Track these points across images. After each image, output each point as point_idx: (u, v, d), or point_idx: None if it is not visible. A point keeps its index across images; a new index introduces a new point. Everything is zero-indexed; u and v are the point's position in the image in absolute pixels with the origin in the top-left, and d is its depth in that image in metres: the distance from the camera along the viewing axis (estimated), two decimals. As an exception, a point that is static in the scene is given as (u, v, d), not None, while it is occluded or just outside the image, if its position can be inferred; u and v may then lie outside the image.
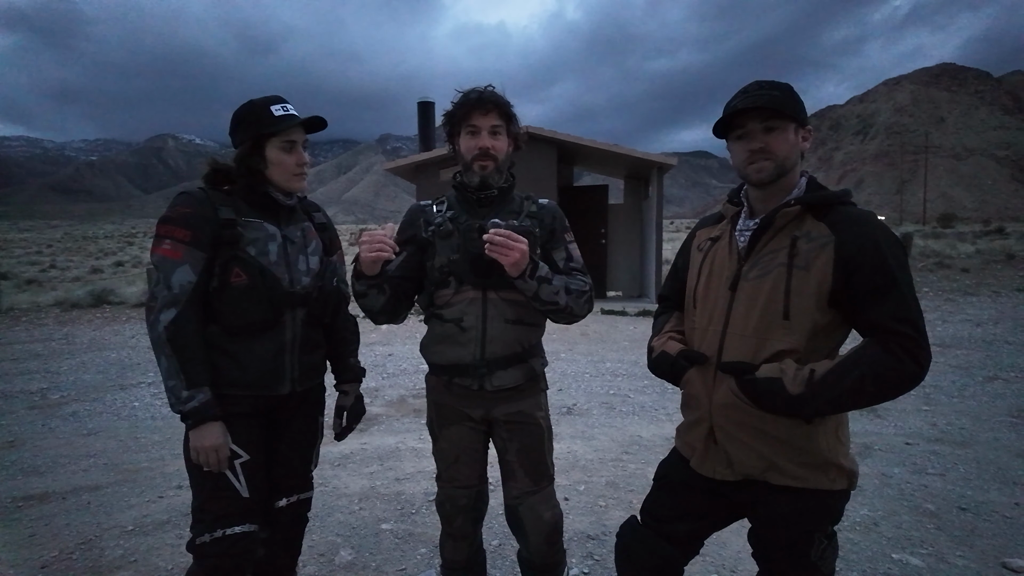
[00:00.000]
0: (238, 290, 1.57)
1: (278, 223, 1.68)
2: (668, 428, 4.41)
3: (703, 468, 1.44)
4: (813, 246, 1.25)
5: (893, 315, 1.19)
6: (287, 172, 1.65)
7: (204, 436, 1.52)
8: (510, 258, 1.47)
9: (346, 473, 3.62)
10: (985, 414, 4.65)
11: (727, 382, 1.33)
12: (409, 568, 2.54)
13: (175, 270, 1.52)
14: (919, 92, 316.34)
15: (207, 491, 1.59)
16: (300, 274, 1.69)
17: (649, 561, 1.53)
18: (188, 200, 1.58)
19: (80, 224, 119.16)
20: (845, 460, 1.33)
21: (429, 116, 13.99)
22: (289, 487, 1.79)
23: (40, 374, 6.53)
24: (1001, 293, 11.20)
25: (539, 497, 1.75)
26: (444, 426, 1.76)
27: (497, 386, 1.68)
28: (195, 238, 1.54)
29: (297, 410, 1.78)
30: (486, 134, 1.64)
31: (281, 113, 1.61)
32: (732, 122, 1.35)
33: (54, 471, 3.76)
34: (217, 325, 1.59)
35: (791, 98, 1.32)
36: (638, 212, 12.66)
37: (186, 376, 1.50)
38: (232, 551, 1.56)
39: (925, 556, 2.57)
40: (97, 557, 2.64)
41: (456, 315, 1.66)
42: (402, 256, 1.72)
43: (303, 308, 1.70)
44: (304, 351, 1.72)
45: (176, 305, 1.52)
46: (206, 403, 1.52)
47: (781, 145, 1.31)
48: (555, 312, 1.65)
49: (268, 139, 1.61)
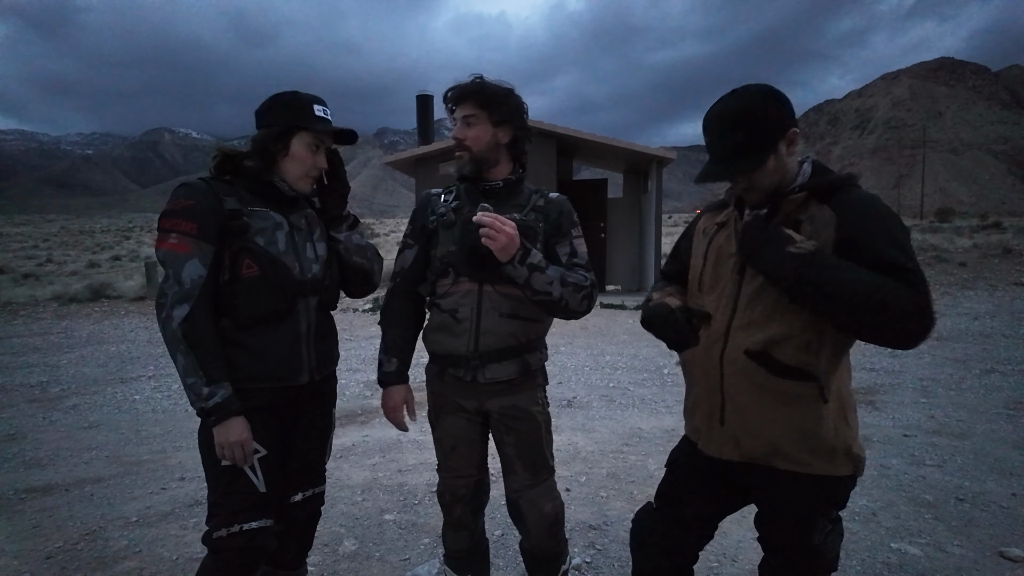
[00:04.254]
0: (251, 282, 1.55)
1: (283, 212, 1.66)
2: (667, 420, 4.43)
3: (709, 448, 1.44)
4: (816, 228, 1.25)
5: (899, 270, 1.15)
6: (302, 170, 1.63)
7: (229, 431, 1.50)
8: (497, 242, 1.46)
9: (348, 465, 3.64)
10: (982, 406, 4.68)
11: (738, 353, 1.32)
12: (412, 558, 2.56)
13: (184, 264, 1.49)
14: (917, 86, 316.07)
15: (224, 486, 1.57)
16: (309, 261, 1.67)
17: (662, 545, 1.54)
18: (190, 192, 1.54)
19: (76, 218, 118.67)
20: (854, 445, 1.33)
21: (428, 109, 13.94)
22: (304, 481, 1.78)
23: (40, 368, 6.53)
24: (998, 287, 11.24)
25: (539, 490, 1.75)
26: (440, 416, 1.77)
27: (489, 379, 1.67)
28: (201, 230, 1.51)
29: (312, 401, 1.76)
30: (461, 124, 1.65)
31: (321, 114, 1.62)
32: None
33: (56, 464, 3.77)
34: (229, 319, 1.56)
35: (756, 133, 1.27)
36: (637, 206, 12.66)
37: (205, 372, 1.47)
38: (249, 545, 1.56)
39: (923, 546, 2.60)
40: (102, 548, 2.65)
41: (452, 306, 1.66)
42: (416, 250, 1.76)
43: (315, 296, 1.68)
44: (319, 339, 1.71)
45: (188, 300, 1.48)
46: (228, 398, 1.49)
47: (765, 178, 1.30)
48: (549, 304, 1.59)
49: (298, 132, 1.60)
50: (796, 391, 1.30)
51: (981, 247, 15.68)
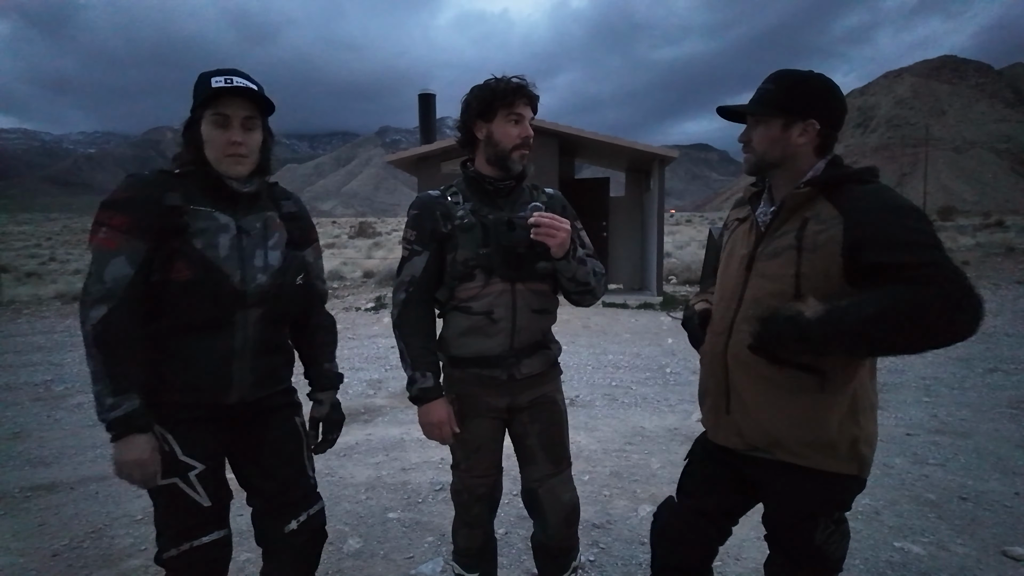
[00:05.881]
0: (179, 286, 1.40)
1: (234, 213, 1.49)
2: (670, 419, 4.44)
3: (717, 437, 1.48)
4: (821, 228, 1.25)
5: (911, 268, 1.12)
6: (217, 151, 1.45)
7: (128, 449, 1.34)
8: (557, 239, 1.52)
9: (351, 463, 3.65)
10: (985, 405, 4.68)
11: (741, 346, 1.35)
12: (417, 556, 2.57)
13: (109, 262, 1.36)
14: (919, 84, 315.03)
15: (166, 506, 1.46)
16: (255, 270, 1.49)
17: (686, 536, 1.55)
18: (132, 183, 1.42)
19: (79, 217, 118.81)
20: (860, 444, 1.32)
21: (430, 108, 13.92)
22: (294, 504, 1.61)
23: (44, 366, 6.56)
24: (1001, 286, 11.21)
25: (559, 479, 1.78)
26: (467, 418, 1.76)
27: (525, 374, 1.71)
28: (133, 225, 1.37)
29: (268, 416, 1.60)
30: (528, 124, 1.65)
31: (220, 85, 1.40)
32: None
33: (61, 462, 3.78)
34: (163, 322, 1.43)
35: (782, 92, 1.34)
36: (639, 205, 12.64)
37: (112, 381, 1.33)
38: (204, 559, 1.49)
39: (926, 544, 2.60)
40: (107, 546, 2.67)
41: (486, 307, 1.65)
42: (426, 256, 1.69)
43: (258, 308, 1.50)
44: (259, 356, 1.53)
45: (108, 301, 1.35)
46: (132, 412, 1.34)
47: (759, 139, 1.38)
48: (585, 294, 1.71)
49: (202, 113, 1.44)
50: (798, 382, 1.30)
51: (984, 246, 15.65)
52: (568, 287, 1.69)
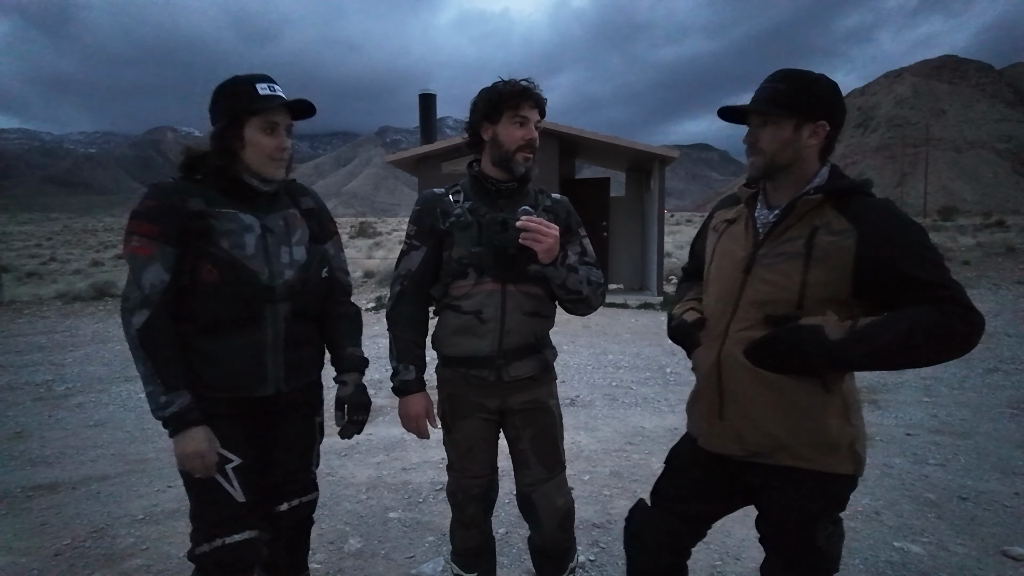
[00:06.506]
0: (209, 287, 1.48)
1: (256, 212, 1.57)
2: (671, 419, 4.44)
3: (711, 444, 1.45)
4: (833, 239, 1.24)
5: (933, 288, 1.17)
6: (264, 155, 1.53)
7: (187, 442, 1.45)
8: (544, 244, 1.50)
9: (352, 463, 3.66)
10: (985, 405, 4.68)
11: (737, 349, 1.35)
12: (417, 556, 2.57)
13: (145, 268, 1.44)
14: (920, 84, 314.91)
15: (201, 498, 1.53)
16: (282, 267, 1.58)
17: (662, 541, 1.55)
18: (155, 192, 1.49)
19: (79, 217, 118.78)
20: (857, 444, 1.33)
21: (430, 108, 13.93)
22: (290, 491, 1.71)
23: (45, 366, 6.56)
24: (1001, 286, 11.21)
25: (553, 484, 1.78)
26: (458, 418, 1.77)
27: (514, 376, 1.70)
28: (162, 232, 1.45)
29: (290, 411, 1.68)
30: (533, 126, 1.65)
31: (266, 92, 1.50)
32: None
33: (62, 461, 3.79)
34: (191, 323, 1.51)
35: (795, 92, 1.30)
36: (639, 205, 12.65)
37: (163, 380, 1.42)
38: (233, 559, 1.52)
39: (926, 544, 2.61)
40: (109, 545, 2.68)
41: (475, 307, 1.66)
42: (424, 251, 1.71)
43: (287, 303, 1.58)
44: (290, 348, 1.61)
45: (149, 306, 1.43)
46: (185, 407, 1.44)
47: (768, 141, 1.34)
48: (576, 301, 1.69)
49: (248, 118, 1.50)
50: (801, 385, 1.30)
51: (984, 246, 15.65)
52: (558, 294, 1.68)
